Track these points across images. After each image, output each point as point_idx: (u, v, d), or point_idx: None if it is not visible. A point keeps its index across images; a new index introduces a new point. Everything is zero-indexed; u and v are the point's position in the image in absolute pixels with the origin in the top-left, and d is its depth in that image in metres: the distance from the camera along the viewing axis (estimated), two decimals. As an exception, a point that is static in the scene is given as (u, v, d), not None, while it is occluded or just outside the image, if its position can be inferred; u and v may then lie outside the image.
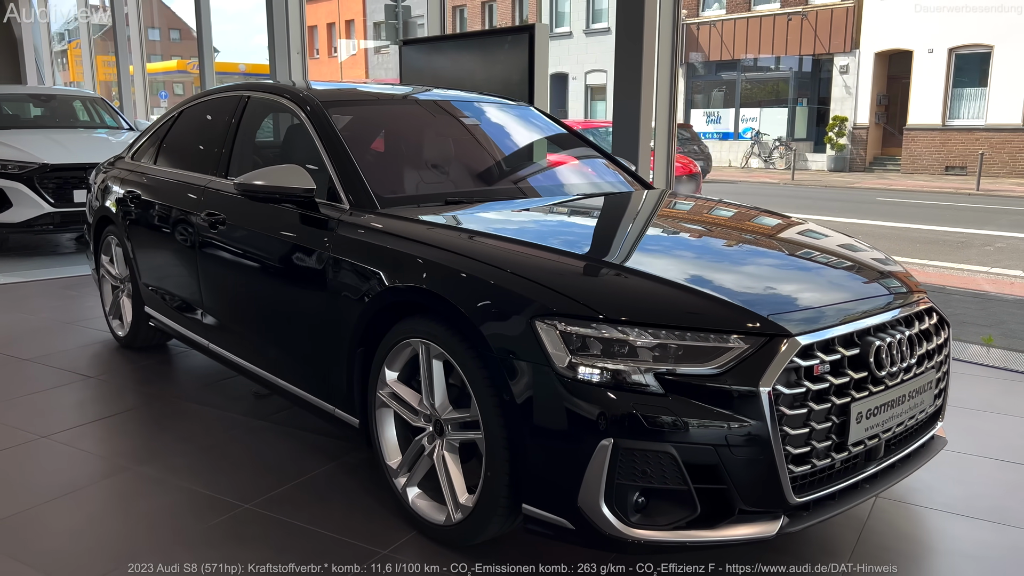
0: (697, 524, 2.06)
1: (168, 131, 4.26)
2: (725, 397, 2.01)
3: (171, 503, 2.78)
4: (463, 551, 2.42)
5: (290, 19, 9.05)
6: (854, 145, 23.46)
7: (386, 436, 2.65)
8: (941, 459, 3.00)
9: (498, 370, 2.17)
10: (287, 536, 2.54)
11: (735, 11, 25.46)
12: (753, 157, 25.18)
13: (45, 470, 3.04)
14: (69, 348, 4.60)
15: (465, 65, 6.29)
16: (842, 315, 2.23)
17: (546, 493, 2.15)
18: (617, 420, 2.01)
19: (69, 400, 3.79)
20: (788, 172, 22.30)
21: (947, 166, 21.59)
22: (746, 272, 2.48)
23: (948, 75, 21.47)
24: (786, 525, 2.09)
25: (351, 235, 2.72)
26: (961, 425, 3.47)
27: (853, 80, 23.18)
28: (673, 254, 2.61)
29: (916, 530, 2.64)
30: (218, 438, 3.33)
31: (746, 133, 25.70)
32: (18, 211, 7.37)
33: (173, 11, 60.87)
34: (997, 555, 2.48)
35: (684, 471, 2.02)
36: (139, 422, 3.57)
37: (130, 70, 13.23)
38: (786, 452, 2.05)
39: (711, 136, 26.51)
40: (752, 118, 25.71)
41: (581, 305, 2.12)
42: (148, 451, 3.21)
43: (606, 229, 2.94)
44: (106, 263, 4.63)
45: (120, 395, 3.87)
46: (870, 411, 2.20)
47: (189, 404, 3.75)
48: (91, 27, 15.39)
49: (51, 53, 17.10)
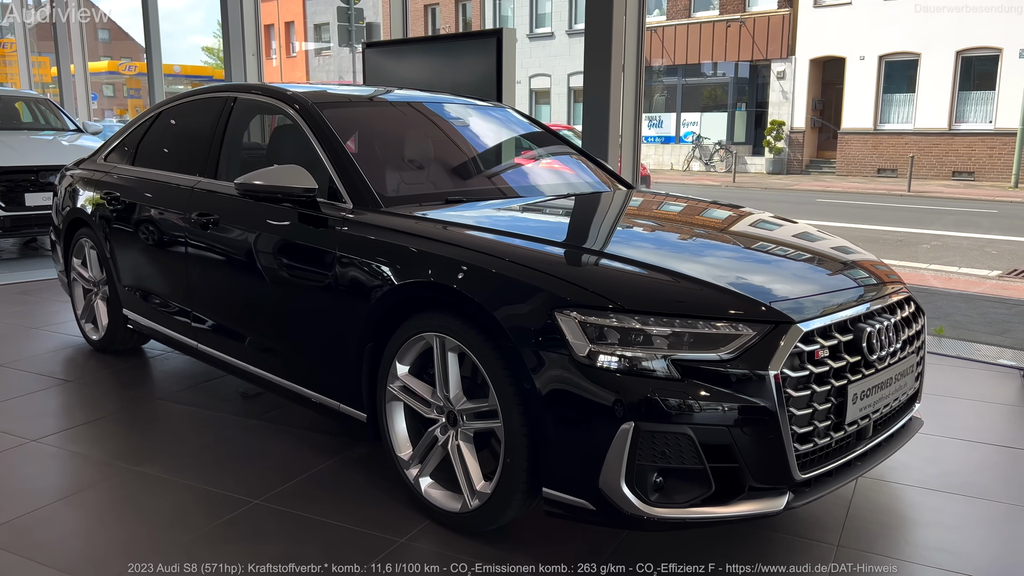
0: (711, 501, 2.19)
1: (145, 133, 4.23)
2: (737, 381, 2.15)
3: (179, 501, 2.79)
4: (466, 546, 2.48)
5: (245, 20, 8.98)
6: (791, 148, 24.19)
7: (397, 429, 2.71)
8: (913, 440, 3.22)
9: (518, 360, 2.26)
10: (303, 529, 2.58)
11: (676, 17, 26.01)
12: (694, 160, 25.75)
13: (43, 473, 3.02)
14: (40, 353, 4.52)
15: (431, 68, 6.36)
16: (837, 304, 2.39)
17: (567, 476, 2.25)
18: (637, 405, 2.12)
19: (51, 404, 3.74)
20: (729, 175, 22.90)
21: (879, 168, 22.44)
22: (747, 265, 2.63)
23: (879, 81, 22.32)
24: (792, 500, 2.23)
25: (358, 233, 2.78)
26: (925, 409, 3.68)
27: (790, 85, 23.91)
28: (676, 248, 2.74)
29: (898, 505, 2.82)
30: (213, 438, 3.34)
31: (687, 137, 26.26)
32: (-34, 215, 7.16)
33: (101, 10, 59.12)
34: (974, 524, 2.67)
35: (700, 451, 2.14)
36: (128, 424, 3.54)
37: (71, 70, 12.88)
38: (792, 431, 2.19)
39: (653, 140, 27.02)
40: (693, 122, 26.28)
41: (599, 296, 2.22)
42: (144, 452, 3.20)
43: (609, 224, 3.06)
44: (78, 266, 4.57)
45: (103, 398, 3.83)
46: (864, 392, 2.36)
47: (176, 406, 3.74)
48: (26, 26, 14.92)
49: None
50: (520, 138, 3.91)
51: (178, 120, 4.08)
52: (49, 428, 3.41)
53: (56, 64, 12.87)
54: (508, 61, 5.90)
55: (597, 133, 5.35)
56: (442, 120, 3.74)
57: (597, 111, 5.33)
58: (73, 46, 12.90)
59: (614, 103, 5.31)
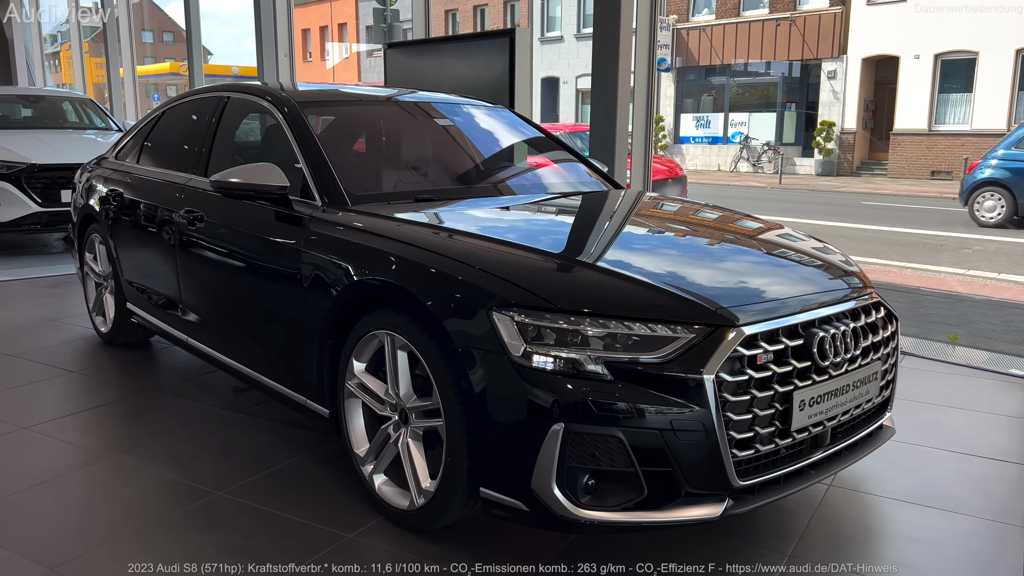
0: (645, 506, 2.16)
1: (150, 131, 4.35)
2: (671, 384, 2.11)
3: (148, 490, 2.86)
4: (411, 544, 2.49)
5: (278, 22, 9.14)
6: (841, 150, 23.65)
7: (354, 425, 2.74)
8: (895, 450, 3.14)
9: (457, 359, 2.26)
10: (257, 521, 2.63)
11: (724, 16, 25.65)
12: (742, 161, 25.36)
13: (25, 459, 3.12)
14: (53, 344, 4.68)
15: (448, 68, 6.39)
16: (787, 307, 2.34)
17: (502, 477, 2.24)
18: (567, 406, 2.11)
19: (51, 394, 3.87)
20: (776, 176, 22.48)
21: (933, 171, 21.79)
22: (697, 266, 2.58)
23: (934, 80, 21.67)
24: (731, 507, 2.19)
25: (322, 231, 2.82)
26: (919, 418, 3.59)
27: (841, 85, 23.38)
28: (628, 249, 2.71)
29: (865, 516, 2.74)
30: (195, 430, 3.42)
31: (735, 138, 25.87)
32: (6, 210, 7.44)
33: (167, 14, 60.97)
34: (942, 539, 2.58)
35: (631, 454, 2.11)
36: (120, 415, 3.65)
37: (120, 72, 13.29)
38: (730, 437, 2.15)
39: (700, 140, 26.69)
40: (741, 123, 25.88)
41: (536, 296, 2.21)
42: (127, 442, 3.30)
43: (567, 225, 3.04)
44: (90, 261, 4.72)
45: (102, 389, 3.95)
46: (813, 399, 2.30)
47: (169, 398, 3.83)
48: (82, 30, 15.44)
49: (42, 55, 17.14)
50: (507, 138, 3.90)
51: (177, 119, 4.18)
52: (42, 416, 3.53)
53: (106, 66, 13.29)
54: (521, 61, 5.90)
55: (604, 134, 5.31)
56: (426, 120, 3.76)
57: (604, 113, 5.30)
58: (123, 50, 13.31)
59: (621, 105, 5.26)
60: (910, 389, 3.96)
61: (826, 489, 2.88)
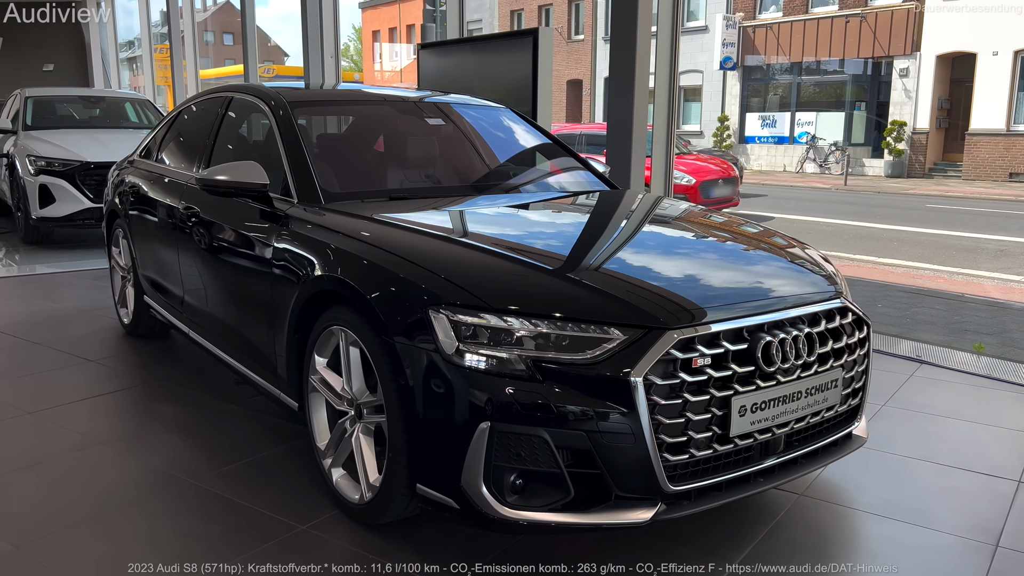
0: (572, 507, 2.15)
1: (167, 131, 4.51)
2: (598, 385, 2.10)
3: (127, 476, 2.99)
4: (358, 536, 2.53)
5: (324, 23, 9.33)
6: (913, 150, 22.81)
7: (318, 419, 2.79)
8: (880, 460, 3.05)
9: (396, 356, 2.29)
10: (218, 509, 2.71)
11: (792, 13, 25.03)
12: (808, 162, 24.70)
13: (22, 442, 3.28)
14: (79, 334, 4.89)
15: (476, 68, 6.44)
16: (731, 311, 2.28)
17: (436, 474, 2.26)
18: (494, 404, 2.11)
19: (65, 381, 4.05)
20: (842, 178, 21.82)
21: (1012, 172, 20.81)
22: (644, 268, 2.54)
23: (1014, 78, 20.70)
24: (662, 512, 2.16)
25: (293, 228, 2.88)
26: (916, 429, 3.46)
27: (913, 83, 22.55)
28: (577, 249, 2.68)
29: (829, 527, 2.65)
30: (190, 420, 3.54)
31: (801, 137, 25.22)
32: (60, 206, 7.81)
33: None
34: (902, 554, 2.48)
35: (556, 455, 2.11)
36: (124, 403, 3.80)
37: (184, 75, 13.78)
38: (660, 440, 2.11)
39: (765, 140, 26.12)
40: (808, 122, 25.20)
41: (470, 295, 2.22)
42: (119, 430, 3.43)
43: (528, 225, 3.02)
44: (115, 255, 4.92)
45: (113, 378, 4.11)
46: (756, 405, 2.25)
47: (176, 388, 3.96)
48: (152, 33, 16.06)
49: (117, 57, 17.89)
50: (501, 138, 3.90)
51: (188, 119, 4.33)
52: (50, 402, 3.70)
53: (171, 67, 13.80)
54: (544, 61, 5.90)
55: (620, 137, 5.26)
56: (419, 121, 3.79)
57: (620, 115, 5.25)
58: (189, 50, 13.79)
59: (638, 107, 5.20)
60: (916, 399, 3.83)
61: (796, 498, 2.81)
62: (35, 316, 5.37)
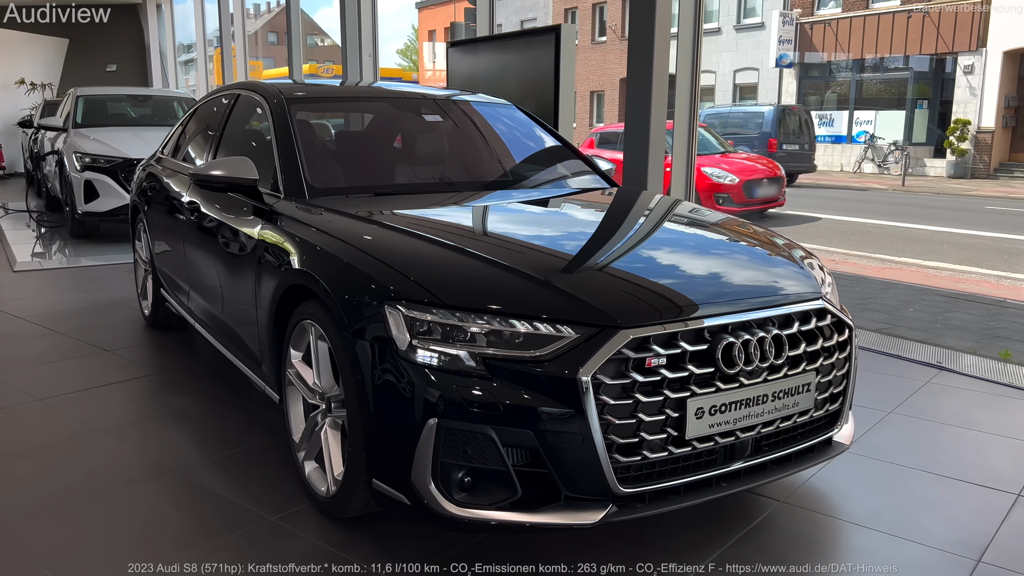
0: (520, 507, 2.12)
1: (183, 128, 4.62)
2: (546, 384, 2.07)
3: (116, 462, 3.06)
4: (323, 530, 2.55)
5: (362, 22, 9.42)
6: (977, 150, 21.99)
7: (295, 412, 2.82)
8: (873, 469, 2.97)
9: (353, 350, 2.30)
10: (196, 498, 2.77)
11: (852, 9, 24.39)
12: (866, 162, 24.03)
13: (23, 428, 3.40)
14: (102, 324, 5.04)
15: (499, 66, 6.43)
16: (690, 311, 2.23)
17: (389, 469, 2.26)
18: (442, 401, 2.10)
19: (78, 370, 4.17)
20: (900, 178, 21.16)
21: (1082, 174, 19.91)
22: (607, 264, 2.49)
23: (1086, 75, 19.81)
24: (613, 514, 2.12)
25: (277, 222, 2.92)
26: (919, 437, 3.33)
27: (978, 80, 21.74)
28: (543, 246, 2.64)
29: (803, 536, 2.56)
30: (190, 410, 3.61)
31: (860, 137, 24.55)
32: (104, 201, 8.07)
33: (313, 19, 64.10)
34: (874, 568, 2.39)
35: (503, 453, 2.09)
36: (129, 392, 3.89)
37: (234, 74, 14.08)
38: (609, 441, 2.07)
39: (822, 139, 25.48)
40: (867, 120, 24.53)
41: (424, 291, 2.22)
42: (119, 418, 3.52)
43: (497, 222, 2.99)
44: (138, 248, 5.06)
45: (125, 368, 4.22)
46: (715, 407, 2.19)
47: (183, 379, 4.05)
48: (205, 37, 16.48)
49: (174, 57, 18.41)
50: (499, 135, 3.88)
51: (201, 116, 4.42)
52: (59, 390, 3.82)
53: (222, 68, 14.12)
54: (567, 59, 5.87)
55: (637, 138, 5.18)
56: (417, 117, 3.79)
57: (637, 116, 5.16)
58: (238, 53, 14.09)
59: (656, 108, 5.11)
60: (927, 406, 3.69)
61: (776, 504, 2.73)
62: (67, 307, 5.56)
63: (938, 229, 11.42)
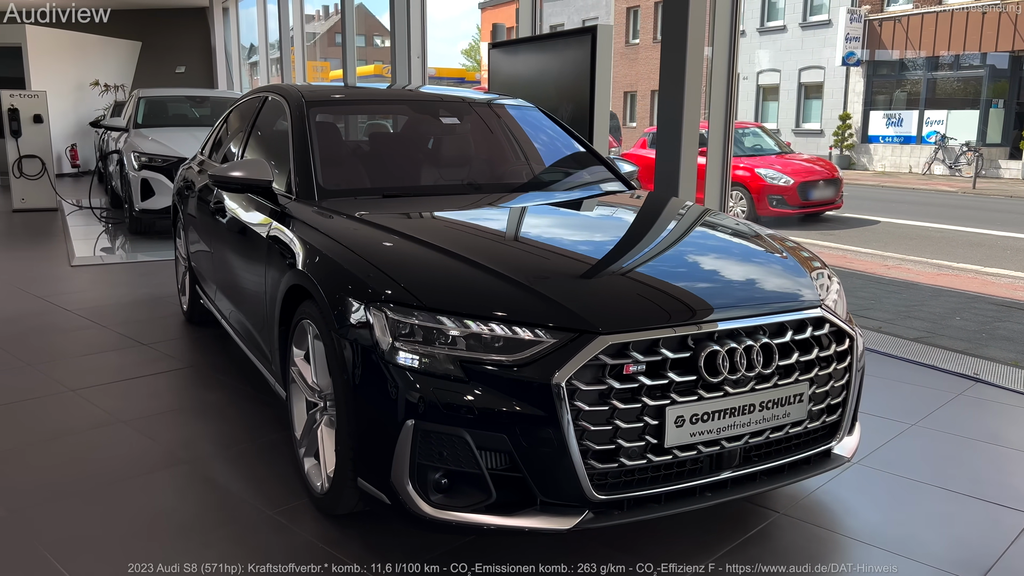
0: (495, 510, 2.13)
1: (220, 129, 4.75)
2: (521, 388, 2.07)
3: (131, 453, 3.17)
4: (308, 523, 2.61)
5: (411, 23, 9.53)
6: (1057, 151, 21.04)
7: (298, 409, 2.88)
8: (882, 483, 2.91)
9: (341, 350, 2.34)
10: (201, 490, 2.86)
11: (923, 5, 23.59)
12: (936, 163, 23.20)
13: (51, 417, 3.55)
14: (144, 319, 5.22)
15: (537, 67, 6.43)
16: (676, 317, 2.20)
17: (372, 468, 2.29)
18: (419, 403, 2.12)
19: (114, 362, 4.34)
20: (971, 180, 20.37)
21: None
22: (594, 269, 2.48)
23: None
24: (588, 521, 2.12)
25: (285, 223, 2.99)
26: (940, 451, 3.22)
27: (1058, 79, 20.80)
28: (530, 250, 2.63)
29: (797, 550, 2.50)
30: (210, 404, 3.72)
31: (930, 137, 23.73)
32: (159, 199, 8.34)
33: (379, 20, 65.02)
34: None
35: (477, 456, 2.10)
36: (157, 385, 4.02)
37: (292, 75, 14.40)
38: (584, 447, 2.07)
39: (890, 140, 24.75)
40: (938, 120, 23.69)
41: (407, 292, 2.24)
42: (142, 410, 3.64)
43: (497, 225, 2.99)
44: (178, 245, 5.22)
45: (156, 361, 4.36)
46: (697, 416, 2.16)
47: (211, 373, 4.17)
48: (267, 40, 16.89)
49: (239, 60, 18.90)
50: (515, 137, 3.88)
51: (235, 117, 4.54)
52: (91, 381, 3.98)
53: (280, 69, 14.47)
54: (603, 59, 5.83)
55: (669, 140, 5.12)
56: (433, 119, 3.83)
57: (670, 118, 5.11)
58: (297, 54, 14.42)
59: (688, 108, 5.04)
60: (954, 419, 3.56)
61: (775, 517, 2.67)
62: (115, 301, 5.77)
63: (1004, 234, 10.97)
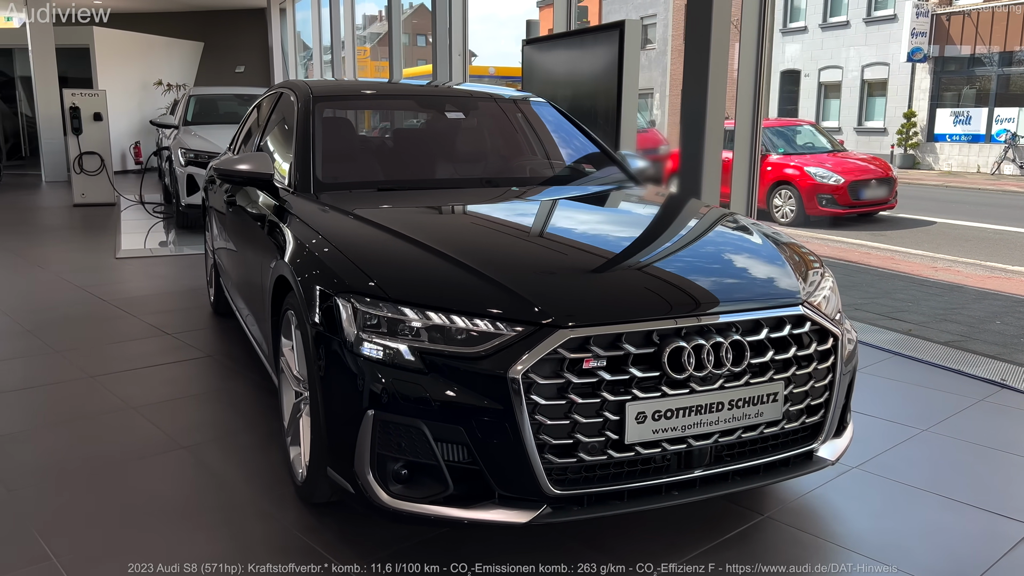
0: (453, 502, 2.13)
1: (243, 124, 4.86)
2: (477, 380, 2.07)
3: (137, 440, 3.26)
4: (292, 513, 2.64)
5: (453, 21, 9.57)
6: None
7: (287, 398, 2.92)
8: (878, 488, 2.85)
9: (313, 340, 2.36)
10: (194, 476, 2.93)
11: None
12: (1006, 163, 22.30)
13: (67, 401, 3.68)
14: (174, 309, 5.37)
15: (568, 63, 6.41)
16: (641, 312, 2.17)
17: (338, 458, 2.31)
18: (379, 393, 2.14)
19: (136, 350, 4.47)
20: (1043, 180, 19.54)
21: None
22: (561, 261, 2.46)
23: None
24: (546, 515, 2.10)
25: (281, 216, 3.04)
26: (947, 459, 3.11)
27: None
28: (502, 242, 2.62)
29: (774, 553, 2.43)
30: (222, 393, 3.81)
31: (1000, 135, 22.82)
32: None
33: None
34: (845, 591, 2.25)
35: (434, 447, 2.10)
36: (172, 373, 4.13)
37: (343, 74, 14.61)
38: (540, 441, 2.05)
39: (957, 138, 23.89)
40: (1008, 118, 22.75)
41: (372, 284, 2.26)
42: (153, 396, 3.74)
43: (477, 217, 2.98)
44: (207, 238, 5.36)
45: (178, 351, 4.48)
46: (659, 413, 2.12)
47: (228, 362, 4.26)
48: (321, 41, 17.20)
49: (295, 59, 19.28)
50: (521, 132, 3.87)
51: (256, 113, 4.63)
52: (112, 368, 4.11)
53: (331, 68, 14.70)
54: (631, 56, 5.78)
55: (692, 138, 5.04)
56: (439, 114, 3.84)
57: (693, 115, 5.03)
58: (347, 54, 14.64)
59: (712, 106, 4.96)
60: (970, 426, 3.42)
61: (757, 519, 2.61)
62: (150, 292, 5.95)
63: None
